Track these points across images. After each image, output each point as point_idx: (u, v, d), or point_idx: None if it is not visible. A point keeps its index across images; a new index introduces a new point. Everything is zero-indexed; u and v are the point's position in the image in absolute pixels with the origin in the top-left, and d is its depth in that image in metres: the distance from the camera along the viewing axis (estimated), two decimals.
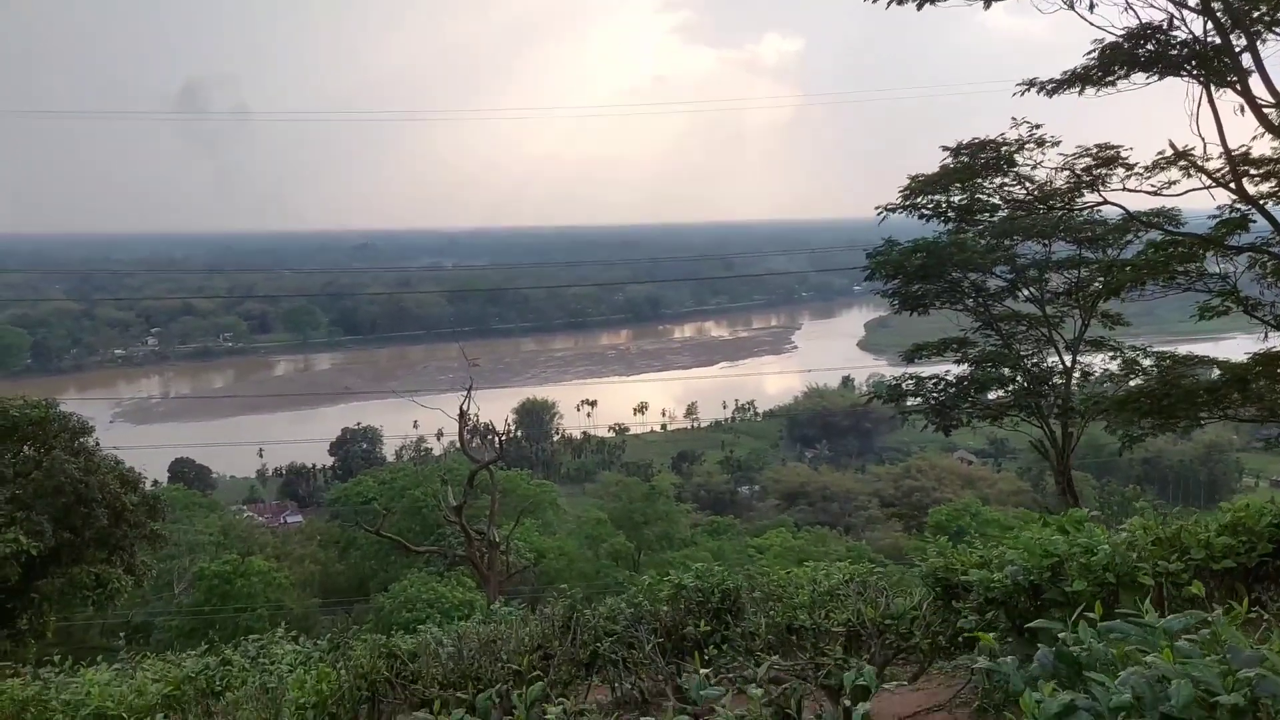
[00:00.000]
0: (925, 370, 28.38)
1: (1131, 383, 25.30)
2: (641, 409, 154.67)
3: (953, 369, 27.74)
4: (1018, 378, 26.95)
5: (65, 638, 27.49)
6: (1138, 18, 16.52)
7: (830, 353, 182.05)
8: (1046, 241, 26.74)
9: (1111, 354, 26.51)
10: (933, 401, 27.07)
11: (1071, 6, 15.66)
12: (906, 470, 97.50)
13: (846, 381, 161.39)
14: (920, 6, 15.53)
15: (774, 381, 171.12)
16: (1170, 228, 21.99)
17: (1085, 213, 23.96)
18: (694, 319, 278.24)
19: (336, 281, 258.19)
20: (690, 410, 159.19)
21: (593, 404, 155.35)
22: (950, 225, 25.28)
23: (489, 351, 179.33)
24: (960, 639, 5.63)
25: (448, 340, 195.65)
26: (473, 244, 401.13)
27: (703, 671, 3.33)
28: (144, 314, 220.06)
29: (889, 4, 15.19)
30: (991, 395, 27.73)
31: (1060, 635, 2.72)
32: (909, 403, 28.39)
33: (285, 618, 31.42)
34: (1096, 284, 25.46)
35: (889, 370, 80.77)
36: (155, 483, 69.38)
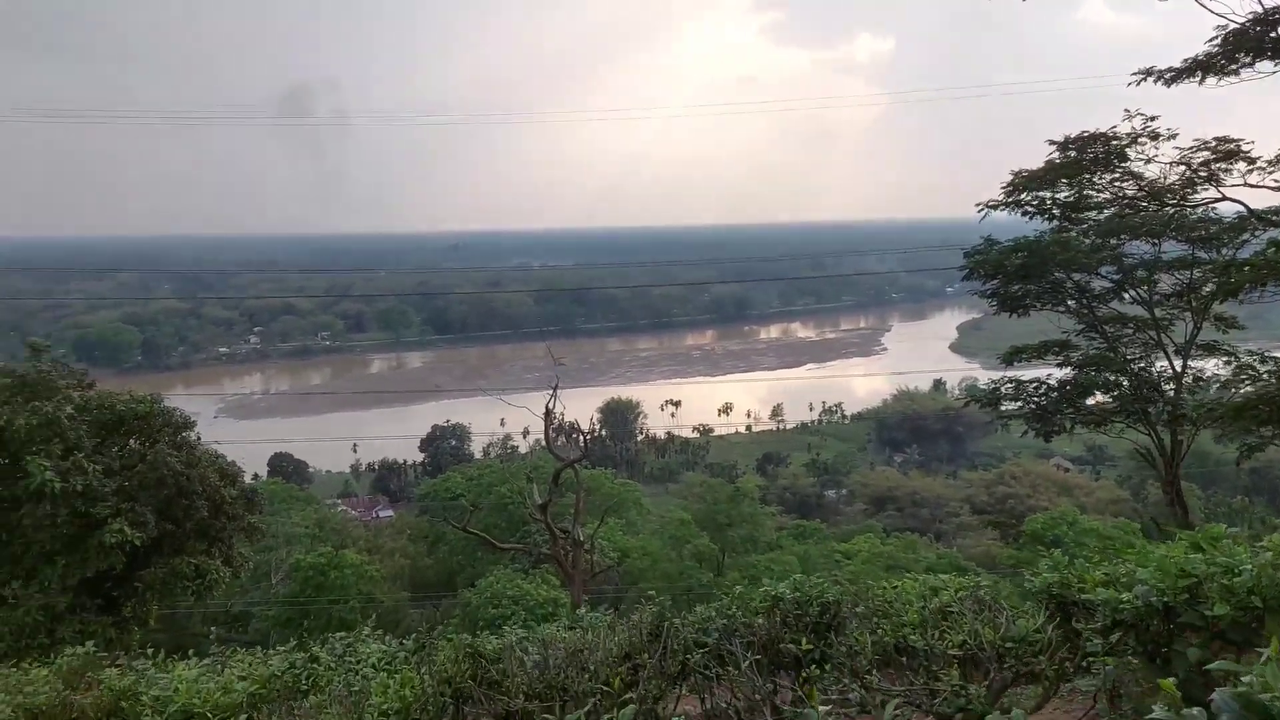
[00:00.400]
0: (1025, 374, 27.29)
1: (1245, 389, 23.93)
2: (726, 410, 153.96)
3: (1054, 373, 26.63)
4: (1124, 382, 25.69)
5: (168, 624, 28.44)
6: (1260, 4, 15.62)
7: (921, 355, 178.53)
8: (1156, 240, 25.41)
9: (1225, 359, 25.11)
10: (1033, 406, 26.02)
11: None
12: (1000, 476, 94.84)
13: (938, 385, 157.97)
14: None
15: (862, 384, 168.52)
16: None
17: (1200, 210, 22.75)
18: (781, 320, 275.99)
19: (429, 282, 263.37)
20: (776, 412, 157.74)
21: (677, 404, 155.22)
22: (1054, 223, 24.30)
23: (575, 351, 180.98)
24: (1085, 663, 5.18)
25: (535, 339, 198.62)
26: (561, 245, 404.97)
27: (821, 709, 3.02)
28: (247, 313, 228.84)
29: None
30: (1094, 400, 26.52)
31: (1245, 679, 2.36)
32: (1006, 407, 27.34)
33: (376, 610, 31.98)
34: (1210, 285, 24.14)
35: (983, 374, 78.53)
36: (255, 476, 71.63)
